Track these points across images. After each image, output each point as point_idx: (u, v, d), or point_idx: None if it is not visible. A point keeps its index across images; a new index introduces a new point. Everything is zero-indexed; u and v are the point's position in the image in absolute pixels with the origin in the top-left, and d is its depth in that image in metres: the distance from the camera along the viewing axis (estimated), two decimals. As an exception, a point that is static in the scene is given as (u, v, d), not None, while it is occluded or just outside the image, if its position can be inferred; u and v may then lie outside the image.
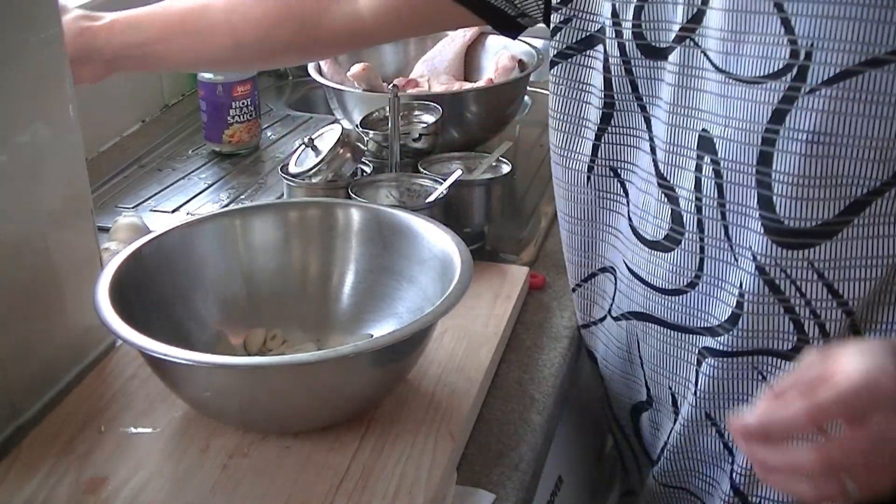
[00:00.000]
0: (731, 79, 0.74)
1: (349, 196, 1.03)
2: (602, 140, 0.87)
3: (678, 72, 0.78)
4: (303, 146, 1.10)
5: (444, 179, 1.04)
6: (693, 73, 0.77)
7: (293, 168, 1.09)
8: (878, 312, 0.77)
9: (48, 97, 0.81)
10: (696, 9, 0.76)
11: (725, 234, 0.79)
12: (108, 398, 0.82)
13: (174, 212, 1.23)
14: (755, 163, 0.74)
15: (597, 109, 0.86)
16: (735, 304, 0.80)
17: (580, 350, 1.00)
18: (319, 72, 1.37)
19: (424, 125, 1.19)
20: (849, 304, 0.76)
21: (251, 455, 0.75)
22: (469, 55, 1.50)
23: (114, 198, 1.27)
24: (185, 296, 0.86)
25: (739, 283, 0.79)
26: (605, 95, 0.85)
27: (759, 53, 0.72)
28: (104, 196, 1.27)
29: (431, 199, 1.03)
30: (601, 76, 0.84)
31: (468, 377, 0.84)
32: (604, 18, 0.83)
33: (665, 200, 0.83)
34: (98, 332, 0.81)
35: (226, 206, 1.23)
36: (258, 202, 1.21)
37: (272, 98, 1.63)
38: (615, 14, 0.82)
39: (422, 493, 0.71)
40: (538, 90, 1.59)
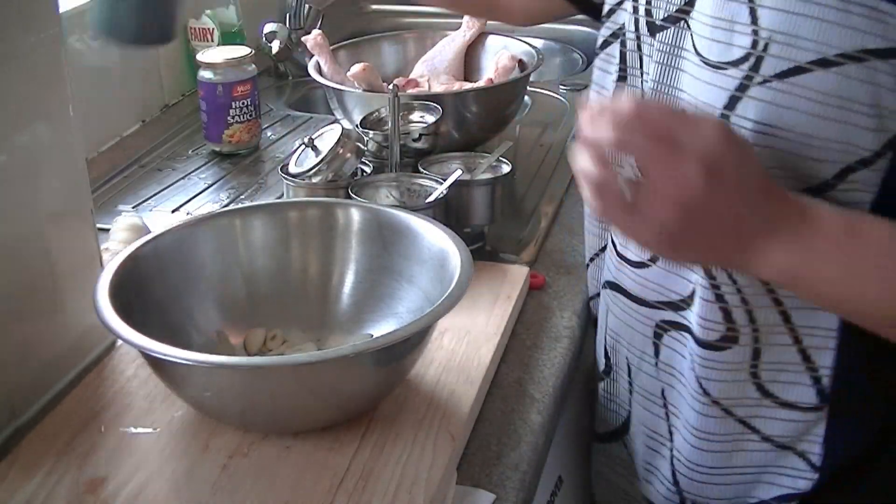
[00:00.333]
0: (702, 61, 0.75)
1: (349, 196, 1.03)
2: None
3: (667, 51, 0.80)
4: (303, 146, 1.10)
5: (444, 179, 1.04)
6: (678, 54, 0.79)
7: (293, 168, 1.09)
8: (814, 317, 0.75)
9: (48, 97, 0.81)
10: None
11: None
12: (108, 398, 0.82)
13: (174, 212, 1.23)
14: None
15: (613, 82, 0.87)
16: (693, 282, 0.80)
17: (580, 350, 1.00)
18: (319, 72, 1.37)
19: (424, 125, 1.19)
20: (777, 294, 0.76)
21: (251, 455, 0.75)
22: (469, 55, 1.50)
23: (114, 198, 1.27)
24: (185, 296, 0.86)
25: None
26: (620, 69, 0.87)
27: (727, 40, 0.73)
28: (104, 196, 1.27)
29: (431, 199, 1.03)
30: (619, 49, 0.86)
31: (468, 377, 0.84)
32: None
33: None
34: (98, 332, 0.81)
35: (226, 206, 1.23)
36: (258, 202, 1.21)
37: (272, 98, 1.63)
38: None
39: (422, 493, 0.71)
40: (538, 90, 1.59)
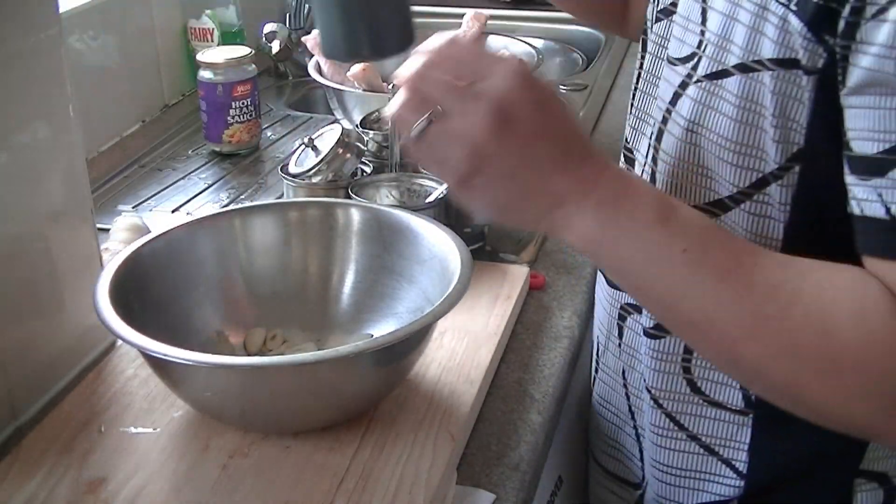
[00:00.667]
0: (665, 55, 0.77)
1: (349, 196, 1.03)
2: (633, 96, 0.89)
3: (658, 42, 0.81)
4: (303, 146, 1.10)
5: (444, 179, 1.04)
6: (663, 45, 0.80)
7: (293, 168, 1.09)
8: None
9: (48, 97, 0.81)
10: None
11: None
12: (108, 398, 0.82)
13: (174, 212, 1.23)
14: (656, 140, 0.77)
15: (636, 68, 0.88)
16: None
17: (580, 350, 1.00)
18: (319, 72, 1.37)
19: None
20: None
21: (251, 455, 0.75)
22: (469, 55, 1.50)
23: (114, 198, 1.27)
24: (186, 296, 0.86)
25: None
26: (641, 56, 0.87)
27: (681, 37, 0.74)
28: (104, 196, 1.27)
29: (431, 199, 1.03)
30: (643, 36, 0.87)
31: (468, 377, 0.84)
32: None
33: (624, 162, 0.87)
34: (98, 332, 0.81)
35: (226, 206, 1.23)
36: (258, 202, 1.21)
37: (272, 98, 1.63)
38: None
39: (422, 493, 0.71)
40: (538, 90, 1.59)
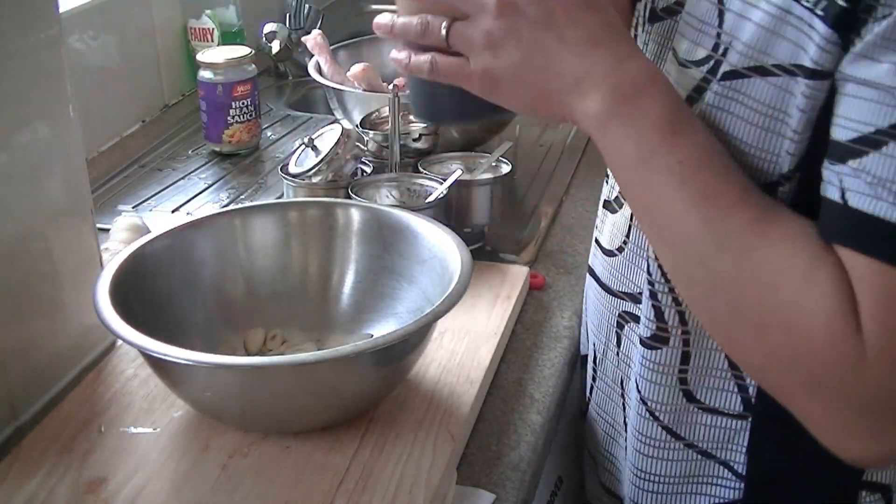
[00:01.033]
0: (674, 57, 0.75)
1: (349, 196, 1.03)
2: None
3: (660, 42, 0.80)
4: (303, 146, 1.10)
5: (444, 179, 1.04)
6: (667, 46, 0.78)
7: (293, 168, 1.09)
8: None
9: (48, 97, 0.81)
10: None
11: None
12: (108, 398, 0.82)
13: (174, 212, 1.23)
14: None
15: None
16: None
17: (580, 350, 1.00)
18: (319, 72, 1.37)
19: (424, 125, 1.19)
20: None
21: (251, 455, 0.75)
22: (469, 55, 1.50)
23: (114, 198, 1.27)
24: (185, 296, 0.86)
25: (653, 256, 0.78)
26: None
27: (695, 39, 0.73)
28: (104, 196, 1.27)
29: (431, 199, 1.03)
30: (633, 32, 0.86)
31: (468, 377, 0.84)
32: None
33: None
34: (98, 332, 0.81)
35: (226, 206, 1.23)
36: (258, 202, 1.21)
37: (272, 98, 1.63)
38: None
39: (422, 493, 0.71)
40: (538, 90, 1.59)
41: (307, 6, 1.75)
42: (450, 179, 1.04)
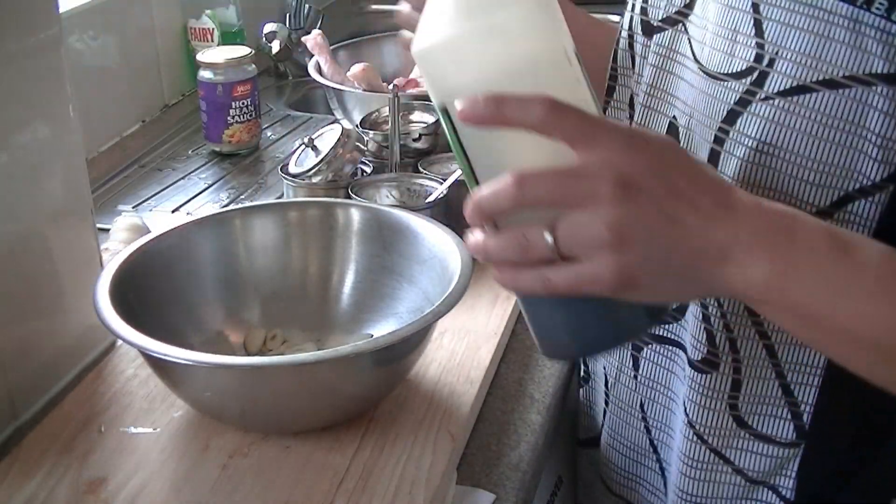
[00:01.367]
0: (703, 71, 0.72)
1: (349, 196, 1.03)
2: (606, 112, 0.85)
3: (663, 54, 0.77)
4: (303, 146, 1.10)
5: (444, 179, 1.04)
6: (675, 59, 0.76)
7: (293, 168, 1.09)
8: (800, 354, 0.72)
9: (48, 97, 0.81)
10: None
11: None
12: (108, 398, 0.82)
13: (174, 212, 1.23)
14: (706, 160, 0.72)
15: (605, 80, 0.85)
16: None
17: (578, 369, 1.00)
18: (319, 72, 1.37)
19: (424, 125, 1.19)
20: (763, 326, 0.73)
21: (251, 455, 0.75)
22: (469, 55, 1.50)
23: (114, 198, 1.27)
24: (185, 296, 0.86)
25: None
26: (612, 67, 0.84)
27: (729, 50, 0.70)
28: (104, 196, 1.27)
29: (431, 199, 1.03)
30: (614, 47, 0.84)
31: (468, 377, 0.84)
32: None
33: None
34: (98, 332, 0.81)
35: (226, 206, 1.23)
36: (258, 202, 1.21)
37: (272, 98, 1.63)
38: None
39: (422, 493, 0.71)
40: (538, 90, 1.59)
41: (307, 6, 1.75)
42: (450, 179, 1.04)
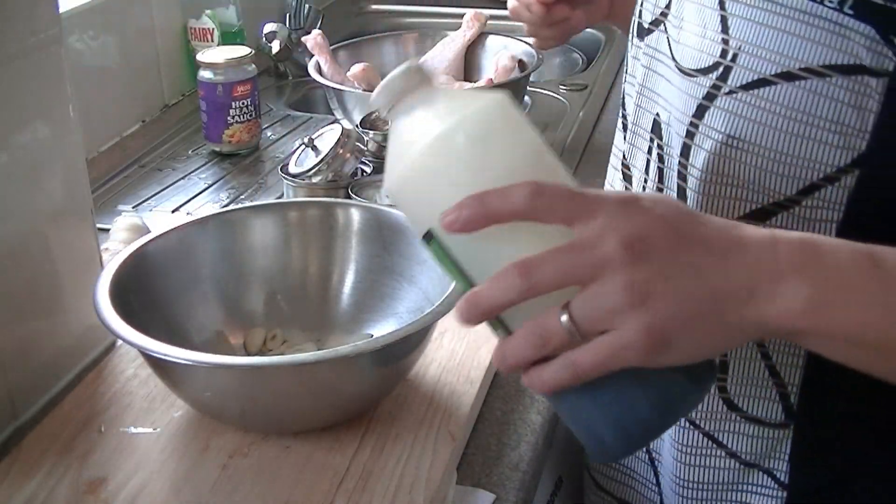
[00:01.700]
0: (678, 68, 0.74)
1: (349, 196, 1.03)
2: (625, 113, 0.87)
3: (650, 54, 0.79)
4: (303, 146, 1.10)
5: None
6: (658, 58, 0.77)
7: (293, 168, 1.09)
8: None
9: (48, 97, 0.81)
10: None
11: None
12: (108, 398, 0.82)
13: (174, 212, 1.23)
14: (678, 154, 0.74)
15: (628, 82, 0.87)
16: None
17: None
18: (319, 72, 1.37)
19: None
20: None
21: (251, 455, 0.75)
22: (469, 55, 1.50)
23: (114, 198, 1.27)
24: (185, 296, 0.86)
25: None
26: (626, 72, 0.86)
27: (699, 47, 0.71)
28: (104, 196, 1.27)
29: (431, 199, 1.03)
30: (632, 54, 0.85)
31: (468, 377, 0.84)
32: None
33: (622, 179, 0.84)
34: (98, 332, 0.81)
35: (226, 206, 1.23)
36: (258, 202, 1.21)
37: (272, 98, 1.63)
38: None
39: (422, 493, 0.71)
40: (538, 90, 1.59)
41: (307, 6, 1.75)
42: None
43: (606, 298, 0.52)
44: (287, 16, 1.76)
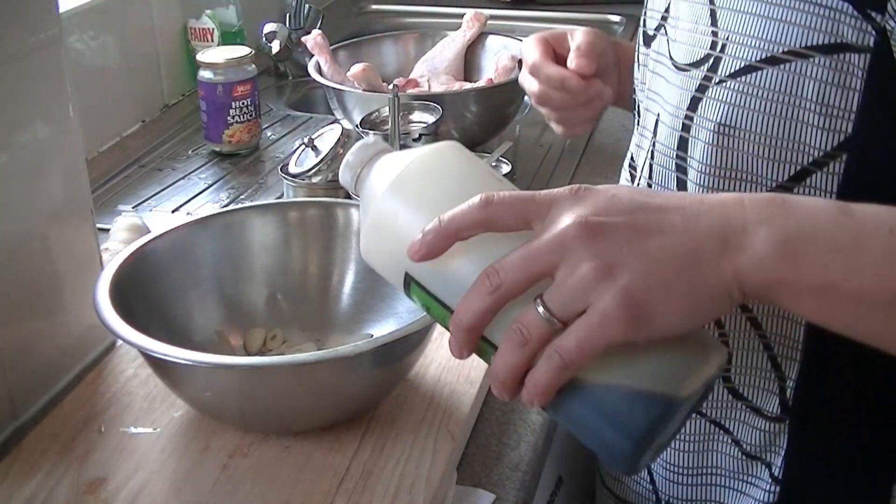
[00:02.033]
0: (674, 65, 0.76)
1: (349, 196, 1.03)
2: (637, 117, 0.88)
3: (654, 58, 0.80)
4: (303, 146, 1.10)
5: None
6: (659, 60, 0.79)
7: (293, 168, 1.09)
8: (783, 326, 0.73)
9: (48, 97, 0.81)
10: None
11: None
12: (108, 398, 0.82)
13: (174, 212, 1.23)
14: (676, 147, 0.76)
15: (637, 88, 0.88)
16: None
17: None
18: (319, 72, 1.37)
19: (424, 125, 1.19)
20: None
21: (251, 455, 0.75)
22: (469, 55, 1.50)
23: (114, 198, 1.27)
24: (185, 296, 0.86)
25: None
26: (634, 79, 0.87)
27: (691, 42, 0.73)
28: (104, 196, 1.27)
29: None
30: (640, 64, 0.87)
31: (468, 377, 0.84)
32: None
33: (628, 178, 0.86)
34: (98, 332, 0.81)
35: (226, 206, 1.23)
36: (258, 202, 1.21)
37: (272, 98, 1.63)
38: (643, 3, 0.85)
39: (422, 493, 0.71)
40: (538, 90, 1.59)
41: (307, 6, 1.75)
42: (450, 179, 1.04)
43: (574, 278, 0.52)
44: (287, 16, 1.76)
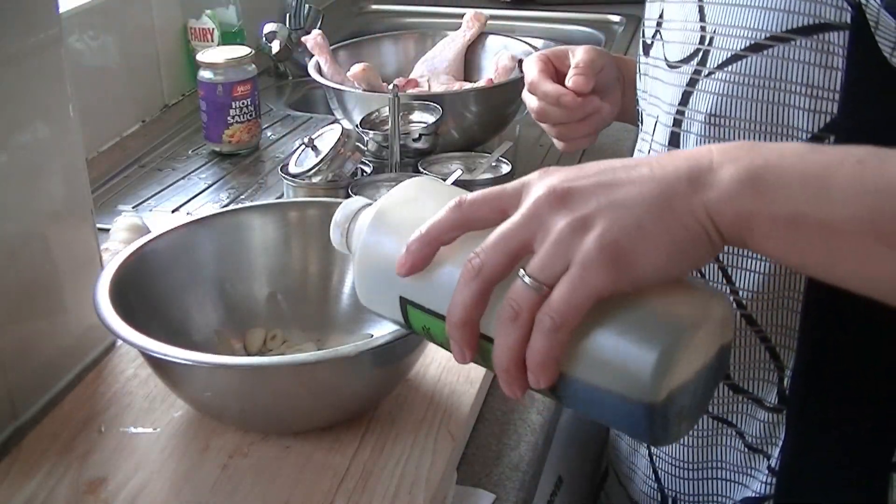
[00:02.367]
0: (667, 64, 0.78)
1: (349, 196, 1.03)
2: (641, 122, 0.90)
3: (653, 64, 0.82)
4: (303, 146, 1.10)
5: (444, 179, 1.04)
6: (656, 64, 0.81)
7: (293, 168, 1.09)
8: (779, 316, 0.74)
9: (48, 97, 0.81)
10: (660, 4, 0.81)
11: None
12: (108, 398, 0.82)
13: (174, 212, 1.23)
14: (667, 143, 0.77)
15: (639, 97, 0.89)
16: None
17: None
18: (319, 72, 1.37)
19: (424, 125, 1.20)
20: (739, 294, 0.75)
21: (251, 455, 0.75)
22: (469, 55, 1.50)
23: (114, 198, 1.27)
24: (186, 296, 0.86)
25: None
26: (637, 90, 0.88)
27: (681, 39, 0.75)
28: (104, 196, 1.27)
29: (431, 199, 1.03)
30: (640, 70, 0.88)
31: (468, 377, 0.84)
32: None
33: None
34: (98, 332, 0.81)
35: (226, 206, 1.23)
36: (258, 202, 1.21)
37: (272, 98, 1.63)
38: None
39: (422, 493, 0.71)
40: (538, 90, 1.59)
41: (307, 6, 1.75)
42: (450, 179, 1.04)
43: (550, 239, 0.53)
44: (287, 16, 1.76)
